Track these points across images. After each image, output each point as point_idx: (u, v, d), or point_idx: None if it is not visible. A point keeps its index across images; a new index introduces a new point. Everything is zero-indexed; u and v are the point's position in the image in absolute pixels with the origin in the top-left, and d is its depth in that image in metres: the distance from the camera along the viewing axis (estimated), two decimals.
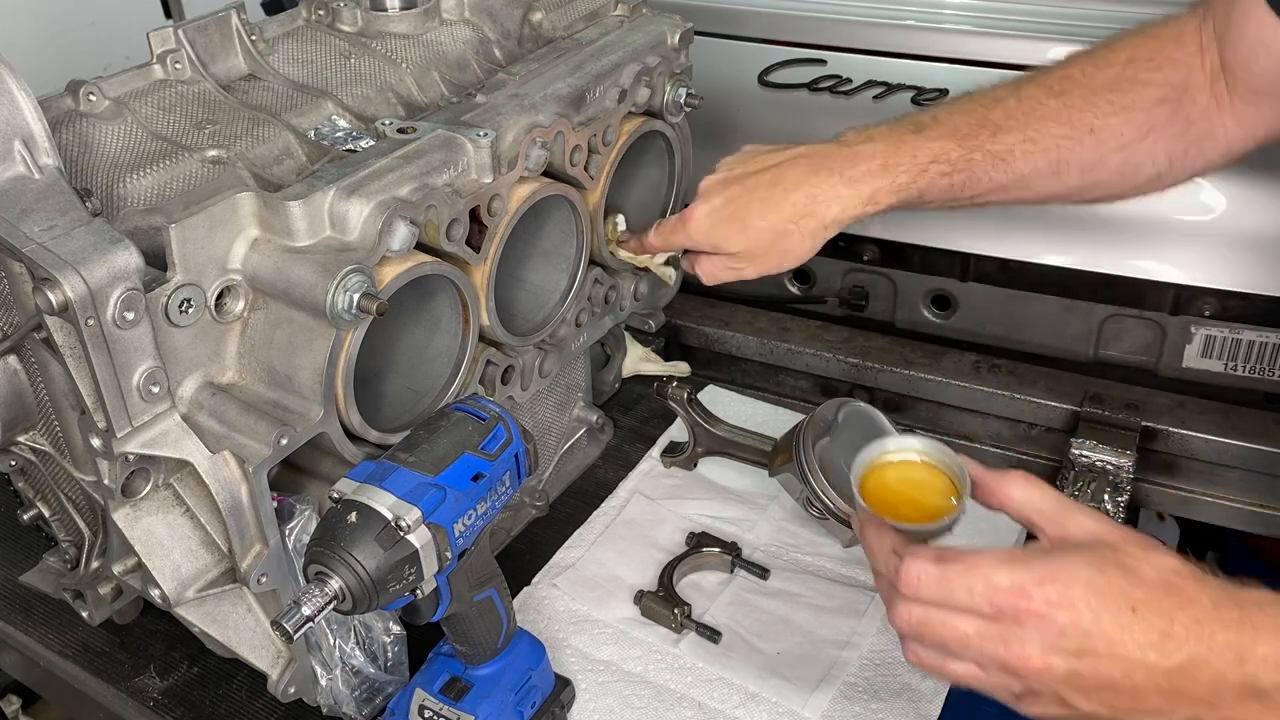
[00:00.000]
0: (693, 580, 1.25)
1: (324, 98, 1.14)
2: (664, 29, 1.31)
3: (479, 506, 0.91)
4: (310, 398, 0.94)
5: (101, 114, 1.02)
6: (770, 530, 1.30)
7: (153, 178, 1.01)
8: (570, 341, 1.30)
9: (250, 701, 1.12)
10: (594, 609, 1.21)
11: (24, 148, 0.88)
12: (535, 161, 1.10)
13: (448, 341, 1.10)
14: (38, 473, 1.08)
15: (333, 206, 0.94)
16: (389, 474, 0.87)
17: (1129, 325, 1.55)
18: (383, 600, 0.85)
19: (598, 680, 1.13)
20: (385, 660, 1.08)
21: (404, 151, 1.01)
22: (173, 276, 0.88)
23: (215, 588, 0.99)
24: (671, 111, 1.30)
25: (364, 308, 0.90)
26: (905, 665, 1.12)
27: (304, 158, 1.08)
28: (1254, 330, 1.46)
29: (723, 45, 1.66)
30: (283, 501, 1.00)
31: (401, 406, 1.10)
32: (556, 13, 1.35)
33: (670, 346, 1.67)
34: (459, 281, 1.05)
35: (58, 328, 0.87)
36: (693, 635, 1.17)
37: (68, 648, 1.18)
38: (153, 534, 0.96)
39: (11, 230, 0.84)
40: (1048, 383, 1.49)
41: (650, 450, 1.44)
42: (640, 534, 1.31)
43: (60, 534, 1.13)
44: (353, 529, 0.84)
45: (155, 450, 0.91)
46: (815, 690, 1.10)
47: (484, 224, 1.07)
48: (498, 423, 0.95)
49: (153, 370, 0.88)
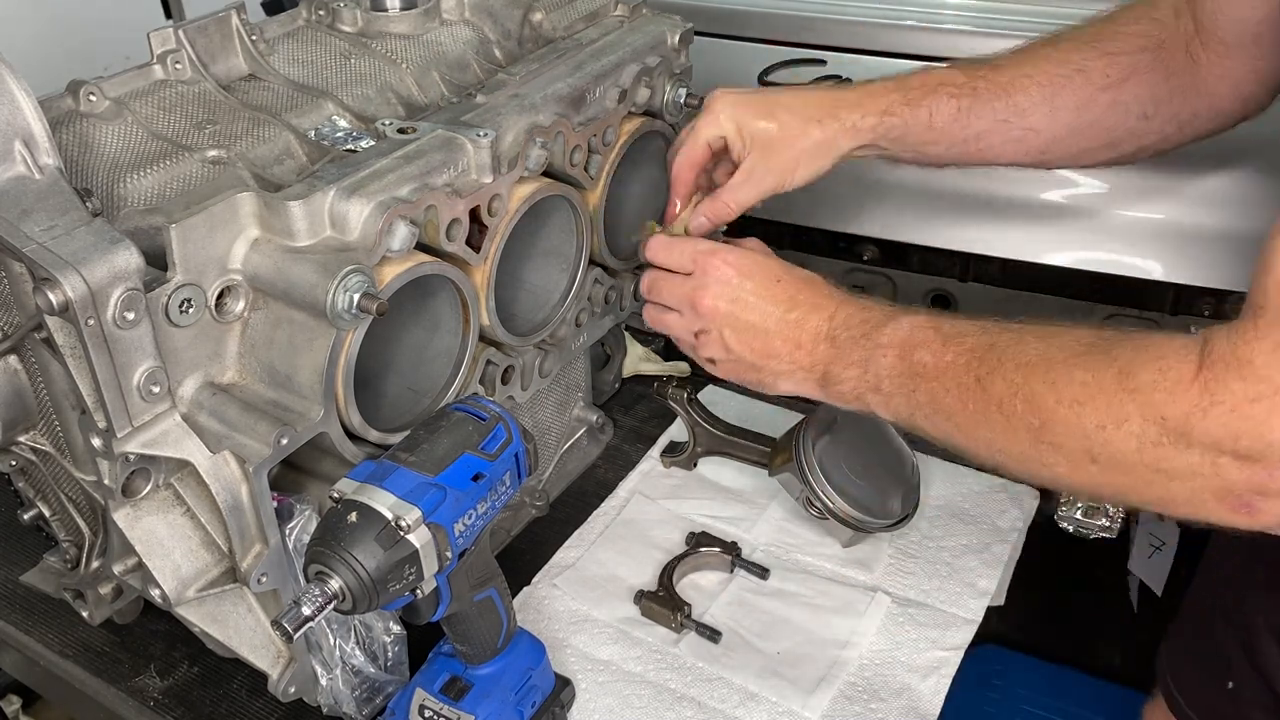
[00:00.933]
0: (693, 580, 1.25)
1: (324, 98, 1.14)
2: (664, 29, 1.31)
3: (479, 506, 0.91)
4: (310, 398, 0.94)
5: (102, 114, 1.02)
6: (770, 530, 1.30)
7: (153, 178, 1.01)
8: (570, 341, 1.30)
9: (250, 701, 1.12)
10: (594, 609, 1.21)
11: (24, 148, 0.88)
12: (535, 161, 1.10)
13: (448, 341, 1.10)
14: (38, 473, 1.08)
15: (333, 206, 0.94)
16: (389, 474, 0.87)
17: (1129, 325, 1.55)
18: (383, 600, 0.85)
19: (598, 680, 1.13)
20: (385, 660, 1.08)
21: (404, 152, 1.01)
22: (173, 276, 0.88)
23: (215, 587, 0.99)
24: (671, 111, 1.30)
25: (364, 308, 0.90)
26: (905, 665, 1.13)
27: (304, 158, 1.08)
28: None
29: (723, 45, 1.66)
30: (283, 501, 1.00)
31: (401, 406, 1.10)
32: (556, 13, 1.35)
33: (670, 346, 1.66)
34: (459, 281, 1.05)
35: (58, 328, 0.87)
36: (693, 635, 1.17)
37: (68, 647, 1.18)
38: (153, 534, 0.96)
39: (12, 230, 0.84)
40: None
41: (650, 450, 1.44)
42: (640, 534, 1.31)
43: (60, 534, 1.13)
44: (353, 529, 0.84)
45: (155, 450, 0.91)
46: (815, 690, 1.10)
47: (484, 224, 1.07)
48: (498, 423, 0.95)
49: (153, 370, 0.88)
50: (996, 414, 0.88)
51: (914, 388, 0.96)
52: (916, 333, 0.97)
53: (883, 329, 0.99)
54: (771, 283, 1.07)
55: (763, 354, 1.07)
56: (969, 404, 0.91)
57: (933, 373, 0.94)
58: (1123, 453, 0.80)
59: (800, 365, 1.05)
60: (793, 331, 1.05)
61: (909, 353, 0.96)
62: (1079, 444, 0.83)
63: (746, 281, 1.07)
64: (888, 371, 0.98)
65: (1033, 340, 0.89)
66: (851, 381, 1.01)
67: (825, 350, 1.03)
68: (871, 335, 1.00)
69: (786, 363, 1.06)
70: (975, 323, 0.95)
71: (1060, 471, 0.87)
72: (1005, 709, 1.67)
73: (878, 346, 0.99)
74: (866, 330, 1.01)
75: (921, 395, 0.95)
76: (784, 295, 1.06)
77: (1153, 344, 0.82)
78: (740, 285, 1.07)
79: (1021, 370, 0.87)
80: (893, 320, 0.99)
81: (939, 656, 1.13)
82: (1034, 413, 0.85)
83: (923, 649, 1.14)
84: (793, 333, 1.05)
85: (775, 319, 1.05)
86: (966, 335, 0.93)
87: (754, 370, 1.09)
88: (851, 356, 1.01)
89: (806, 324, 1.04)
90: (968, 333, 0.94)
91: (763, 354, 1.07)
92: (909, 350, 0.96)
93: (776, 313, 1.06)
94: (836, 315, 1.03)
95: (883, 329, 0.99)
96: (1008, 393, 0.87)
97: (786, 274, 1.08)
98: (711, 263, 1.09)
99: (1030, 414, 0.85)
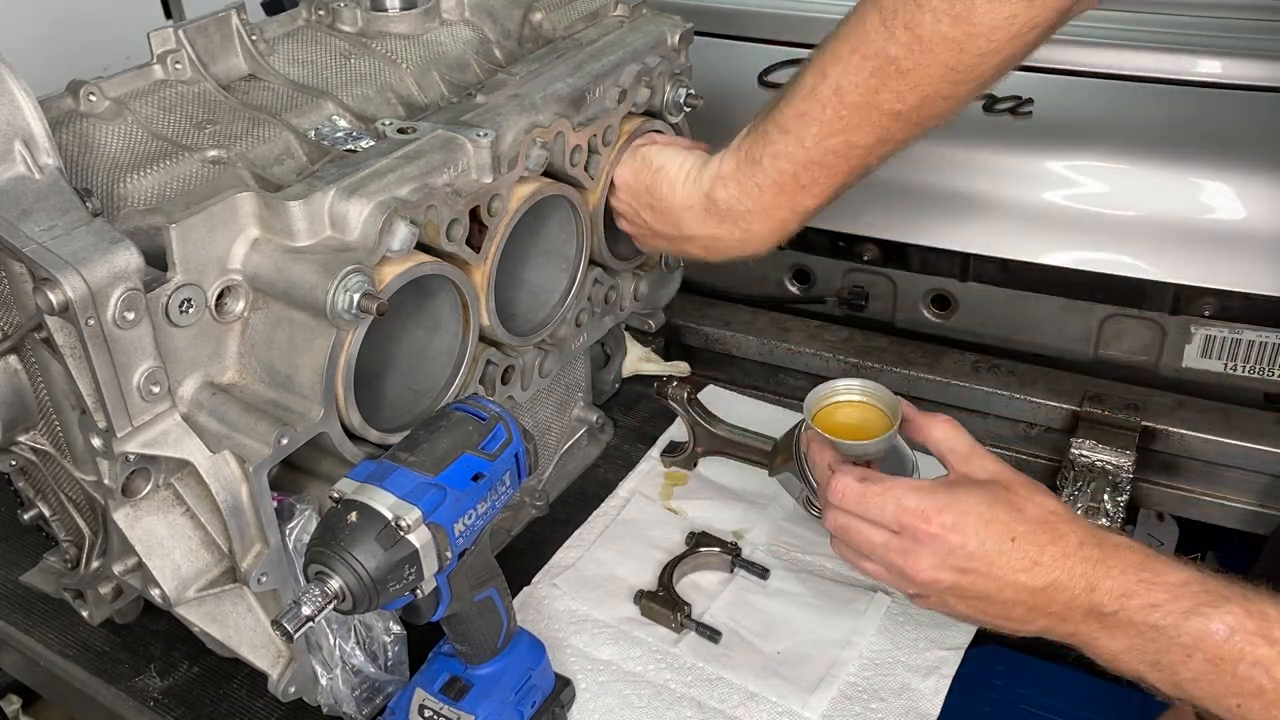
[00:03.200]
0: (693, 580, 1.25)
1: (324, 98, 1.14)
2: (664, 29, 1.31)
3: (479, 506, 0.91)
4: (310, 398, 0.94)
5: (102, 114, 1.02)
6: (770, 530, 1.30)
7: (153, 178, 1.01)
8: (570, 341, 1.30)
9: (250, 701, 1.12)
10: (594, 609, 1.21)
11: (24, 148, 0.88)
12: (535, 161, 1.10)
13: (448, 341, 1.10)
14: (38, 472, 1.08)
15: (333, 206, 0.94)
16: (389, 474, 0.87)
17: (1129, 325, 1.55)
18: (383, 600, 0.85)
19: (598, 680, 1.13)
20: (385, 660, 1.08)
21: (404, 152, 1.01)
22: (173, 276, 0.88)
23: (215, 587, 0.99)
24: (671, 111, 1.30)
25: (364, 308, 0.90)
26: (905, 665, 1.13)
27: (304, 158, 1.08)
28: (1254, 330, 1.46)
29: (723, 45, 1.66)
30: (283, 501, 1.00)
31: (401, 406, 1.10)
32: (556, 13, 1.35)
33: (670, 346, 1.67)
34: (459, 281, 1.05)
35: (58, 328, 0.87)
36: (693, 635, 1.17)
37: (68, 647, 1.18)
38: (153, 534, 0.96)
39: (12, 230, 0.84)
40: (1047, 383, 1.49)
41: (650, 450, 1.44)
42: (640, 534, 1.31)
43: (60, 534, 1.13)
44: (353, 529, 0.84)
45: (155, 450, 0.91)
46: (815, 690, 1.10)
47: (484, 224, 1.07)
48: (498, 422, 0.95)
49: (153, 370, 0.88)
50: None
51: (1237, 703, 0.82)
52: (1239, 640, 0.80)
53: (1185, 624, 0.82)
54: (1004, 543, 0.88)
55: (1001, 618, 0.92)
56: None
57: (1274, 696, 0.79)
58: None
59: (1053, 632, 0.91)
60: (1040, 601, 0.88)
61: (1230, 666, 0.81)
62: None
63: (972, 544, 0.88)
64: (1195, 676, 0.82)
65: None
66: (1134, 665, 0.86)
67: (1088, 625, 0.87)
68: (1166, 629, 0.83)
69: (1033, 627, 0.91)
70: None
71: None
72: (1005, 709, 1.66)
73: (1177, 647, 0.83)
74: (1156, 619, 0.84)
75: (1249, 713, 0.81)
76: (1025, 560, 0.88)
77: None
78: (966, 554, 0.89)
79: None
80: (1200, 616, 0.82)
81: (939, 656, 1.13)
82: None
83: (922, 649, 1.14)
84: (1040, 602, 0.88)
85: (1015, 589, 0.88)
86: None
87: (993, 628, 0.95)
88: (1132, 642, 0.86)
89: (1057, 597, 0.87)
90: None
91: (1001, 618, 0.92)
92: (1230, 662, 0.81)
93: (1018, 581, 0.88)
94: (1102, 584, 0.86)
95: (1185, 624, 0.82)
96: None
97: (1021, 523, 0.89)
98: (924, 531, 0.89)
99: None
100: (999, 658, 1.69)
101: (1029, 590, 0.88)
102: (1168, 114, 1.52)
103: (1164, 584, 0.85)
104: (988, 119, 1.54)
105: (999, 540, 0.88)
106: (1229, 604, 0.82)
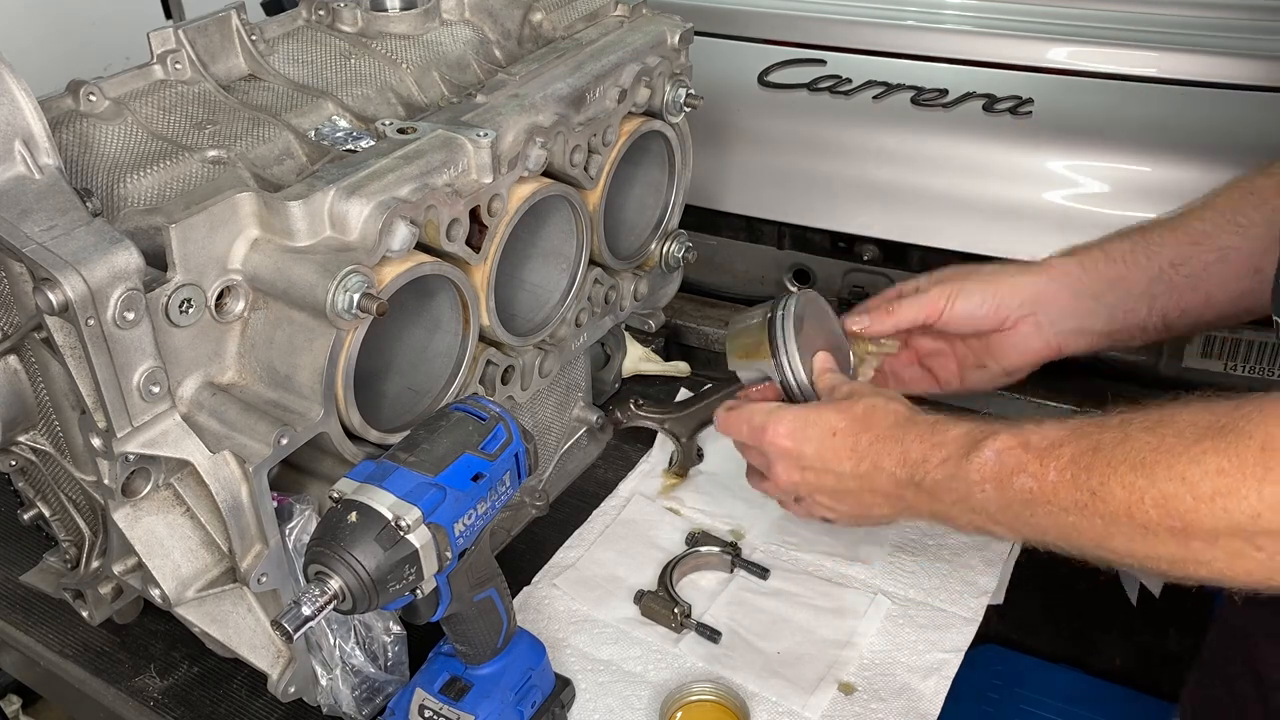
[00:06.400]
0: (693, 580, 1.25)
1: (324, 98, 1.14)
2: (664, 29, 1.31)
3: (479, 506, 0.91)
4: (310, 398, 0.94)
5: (102, 114, 1.02)
6: (770, 530, 1.30)
7: (153, 178, 1.01)
8: (570, 341, 1.30)
9: (250, 701, 1.12)
10: (594, 609, 1.21)
11: (24, 148, 0.88)
12: (535, 161, 1.10)
13: (448, 341, 1.10)
14: (38, 473, 1.08)
15: (333, 207, 0.94)
16: (389, 474, 0.87)
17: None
18: (383, 600, 0.85)
19: (598, 680, 1.13)
20: (385, 660, 1.08)
21: (404, 152, 1.01)
22: (173, 276, 0.88)
23: (215, 587, 0.99)
24: (671, 111, 1.30)
25: (364, 308, 0.90)
26: (905, 666, 1.13)
27: (304, 158, 1.08)
28: (1254, 330, 1.46)
29: (723, 45, 1.66)
30: (283, 501, 1.00)
31: (401, 406, 1.10)
32: (556, 13, 1.35)
33: (670, 346, 1.67)
34: (459, 281, 1.05)
35: (58, 328, 0.87)
36: (693, 635, 1.17)
37: (68, 647, 1.18)
38: (153, 534, 0.96)
39: (12, 230, 0.84)
40: (1048, 383, 1.49)
41: (650, 450, 1.44)
42: (640, 534, 1.31)
43: (60, 534, 1.14)
44: (353, 529, 0.84)
45: (155, 450, 0.91)
46: (815, 690, 1.10)
47: (484, 224, 1.07)
48: (498, 423, 0.95)
49: (153, 370, 0.88)
50: (1127, 524, 0.80)
51: (1029, 515, 0.88)
52: (1006, 457, 0.89)
53: (968, 463, 0.91)
54: (828, 438, 1.00)
55: (861, 507, 1.02)
56: (1094, 520, 0.83)
57: (1041, 497, 0.86)
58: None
59: (900, 510, 1.00)
60: (870, 484, 0.99)
61: (1007, 483, 0.88)
62: (1235, 538, 0.75)
63: (805, 447, 1.01)
64: (994, 506, 0.90)
65: (1140, 433, 0.81)
66: (965, 518, 0.94)
67: (915, 496, 0.96)
68: (958, 474, 0.92)
69: (887, 510, 1.01)
70: (1063, 426, 0.87)
71: (1220, 568, 0.78)
72: (1005, 709, 1.67)
73: (971, 485, 0.91)
74: (950, 469, 0.93)
75: (1041, 520, 0.87)
76: (846, 449, 0.99)
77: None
78: (801, 454, 1.02)
79: (1139, 471, 0.80)
80: (975, 451, 0.91)
81: (939, 658, 1.13)
82: (1171, 515, 0.78)
83: (923, 650, 1.14)
84: (871, 485, 0.99)
85: (848, 478, 1.00)
86: (1062, 444, 0.86)
87: (869, 520, 1.05)
88: (947, 498, 0.94)
89: (879, 476, 0.98)
90: (1061, 440, 0.86)
91: (861, 507, 1.02)
92: (1005, 480, 0.89)
93: (846, 470, 0.99)
94: (908, 455, 0.96)
95: (968, 463, 0.91)
96: (1132, 499, 0.80)
97: (843, 420, 1.00)
98: (765, 440, 1.04)
99: (1167, 517, 0.78)
100: (999, 658, 1.70)
101: (858, 477, 0.98)
102: (1168, 114, 1.52)
103: (948, 439, 0.94)
104: (988, 119, 1.54)
105: (823, 437, 1.00)
106: (997, 434, 0.91)
